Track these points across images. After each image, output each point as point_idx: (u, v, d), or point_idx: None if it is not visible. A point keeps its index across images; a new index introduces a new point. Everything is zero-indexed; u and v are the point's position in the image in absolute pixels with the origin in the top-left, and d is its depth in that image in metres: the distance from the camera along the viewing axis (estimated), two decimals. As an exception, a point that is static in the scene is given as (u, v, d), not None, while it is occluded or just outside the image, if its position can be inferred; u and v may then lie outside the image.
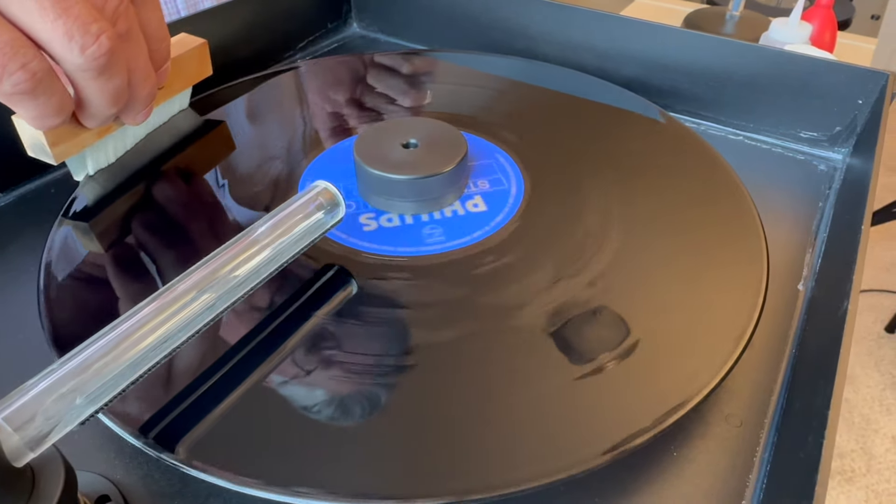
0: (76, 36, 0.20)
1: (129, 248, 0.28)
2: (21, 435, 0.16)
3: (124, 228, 0.28)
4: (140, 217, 0.29)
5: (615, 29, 0.41)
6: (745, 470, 0.22)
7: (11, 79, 0.20)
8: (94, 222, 0.28)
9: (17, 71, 0.20)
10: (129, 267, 0.27)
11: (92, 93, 0.23)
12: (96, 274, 0.26)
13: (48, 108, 0.22)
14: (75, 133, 0.27)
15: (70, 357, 0.18)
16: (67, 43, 0.20)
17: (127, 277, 0.26)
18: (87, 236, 0.28)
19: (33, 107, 0.21)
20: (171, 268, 0.27)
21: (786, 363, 0.25)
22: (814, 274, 0.29)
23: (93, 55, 0.21)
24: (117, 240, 0.28)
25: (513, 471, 0.19)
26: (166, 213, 0.30)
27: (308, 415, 0.21)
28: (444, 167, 0.28)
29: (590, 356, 0.23)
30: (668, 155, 0.33)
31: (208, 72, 0.34)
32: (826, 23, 0.60)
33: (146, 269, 0.27)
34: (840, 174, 0.35)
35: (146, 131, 0.32)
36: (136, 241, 0.28)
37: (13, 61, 0.20)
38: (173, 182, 0.31)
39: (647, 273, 0.26)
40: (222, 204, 0.30)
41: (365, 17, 0.51)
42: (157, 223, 0.29)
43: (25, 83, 0.20)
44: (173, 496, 0.20)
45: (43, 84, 0.21)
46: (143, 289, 0.26)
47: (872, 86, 0.34)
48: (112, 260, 0.27)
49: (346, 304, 0.25)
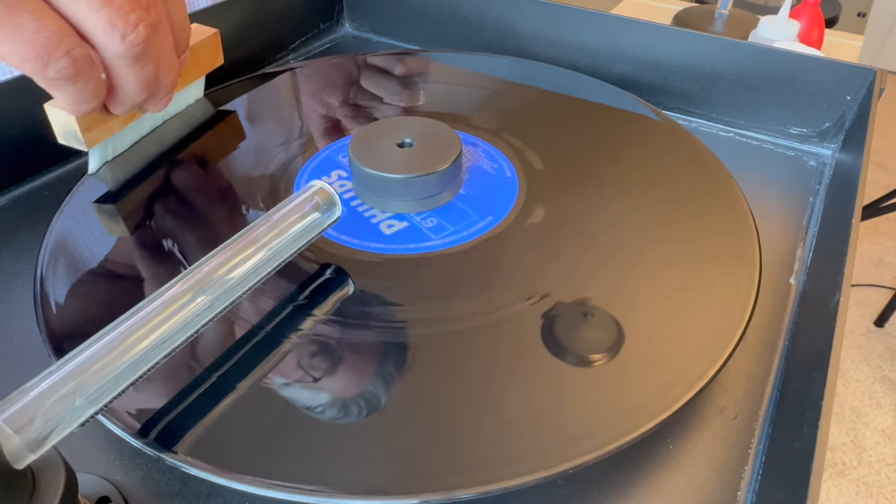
0: (118, 24, 0.22)
1: (150, 231, 0.29)
2: (21, 437, 0.16)
3: (147, 212, 0.29)
4: (159, 201, 0.30)
5: (606, 27, 0.41)
6: (741, 461, 0.22)
7: (56, 64, 0.21)
8: (120, 204, 0.30)
9: (62, 57, 0.21)
10: (150, 248, 0.28)
11: (126, 80, 0.24)
12: (93, 275, 0.26)
13: (85, 94, 0.23)
14: (104, 120, 0.28)
15: (69, 358, 0.18)
16: (110, 31, 0.22)
17: (150, 258, 0.27)
18: (113, 219, 0.29)
19: (73, 91, 0.23)
20: (191, 249, 0.28)
21: (779, 356, 0.26)
22: (805, 268, 0.29)
23: (131, 43, 0.22)
24: (140, 222, 0.29)
25: (512, 465, 0.19)
26: (179, 198, 0.31)
27: (307, 413, 0.21)
28: (440, 165, 0.28)
29: (585, 351, 0.23)
30: (659, 152, 0.33)
31: (220, 61, 0.35)
32: (814, 20, 0.61)
33: (166, 250, 0.28)
34: (829, 169, 0.36)
35: (163, 119, 0.33)
36: (156, 224, 0.29)
37: (59, 48, 0.21)
38: (189, 169, 0.33)
39: (640, 268, 0.27)
40: (228, 193, 0.31)
41: (357, 17, 0.51)
42: (171, 207, 0.30)
43: (68, 69, 0.22)
44: (173, 496, 0.20)
45: (83, 70, 0.22)
46: (165, 268, 0.27)
47: (860, 82, 0.35)
48: (136, 242, 0.28)
49: (344, 302, 0.25)
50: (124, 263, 0.27)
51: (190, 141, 0.34)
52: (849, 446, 1.09)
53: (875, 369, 1.22)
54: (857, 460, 1.07)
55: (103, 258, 0.27)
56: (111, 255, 0.27)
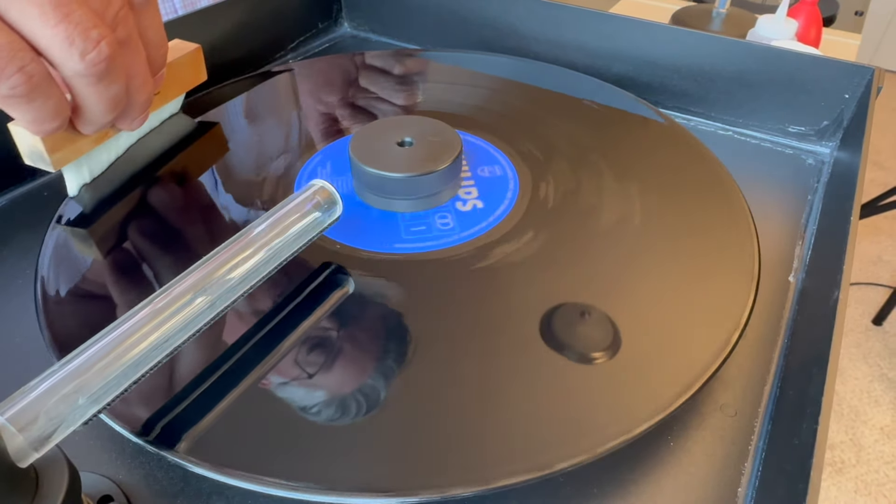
0: (77, 41, 0.20)
1: (126, 254, 0.27)
2: (25, 435, 0.16)
3: (121, 234, 0.28)
4: (136, 222, 0.29)
5: (605, 27, 0.41)
6: (741, 458, 0.22)
7: (8, 82, 0.20)
8: (92, 229, 0.28)
9: (14, 74, 0.20)
10: (125, 273, 0.27)
11: (90, 99, 0.23)
12: (93, 276, 0.26)
13: (45, 112, 0.22)
14: (72, 140, 0.27)
15: (71, 358, 0.18)
16: (68, 48, 0.20)
17: (124, 283, 0.26)
18: (85, 243, 0.28)
19: (30, 110, 0.21)
20: (168, 271, 0.27)
21: (778, 353, 0.26)
22: (804, 266, 0.30)
23: (92, 61, 0.21)
24: (114, 246, 0.28)
25: (514, 463, 0.19)
26: (162, 218, 0.30)
27: (308, 411, 0.21)
28: (440, 164, 0.28)
29: (586, 350, 0.23)
30: (658, 150, 0.34)
31: (203, 77, 0.34)
32: (811, 19, 0.61)
33: (143, 274, 0.27)
34: (828, 168, 0.36)
35: (139, 136, 0.32)
36: (133, 246, 0.28)
37: (10, 64, 0.20)
38: (169, 186, 0.31)
39: (640, 267, 0.27)
40: (218, 205, 0.31)
41: (355, 16, 0.51)
42: (153, 228, 0.29)
43: (22, 86, 0.20)
44: (175, 495, 0.20)
45: (40, 88, 0.21)
46: (140, 294, 0.25)
47: (858, 80, 0.35)
48: (109, 266, 0.27)
49: (345, 301, 0.25)
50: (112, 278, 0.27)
51: (175, 155, 0.33)
52: (847, 444, 1.09)
53: (873, 367, 1.23)
54: (855, 458, 1.07)
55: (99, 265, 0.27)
56: (108, 258, 0.27)
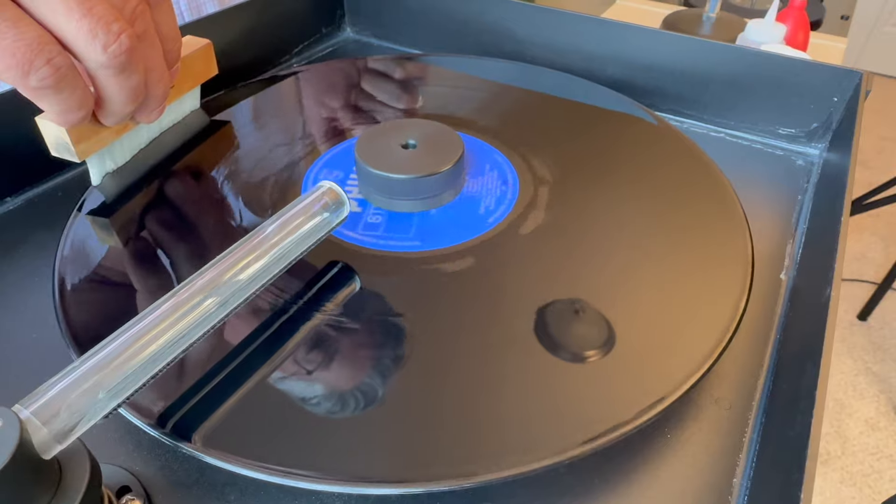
0: (99, 34, 0.22)
1: (146, 243, 0.29)
2: (49, 428, 0.16)
3: (141, 224, 0.29)
4: (155, 212, 0.30)
5: (600, 31, 0.42)
6: (736, 450, 0.23)
7: (38, 73, 0.21)
8: (114, 218, 0.29)
9: (43, 66, 0.21)
10: (146, 261, 0.28)
11: (112, 90, 0.24)
12: (110, 271, 0.27)
13: (71, 103, 0.23)
14: (96, 131, 0.28)
15: (91, 354, 0.18)
16: (91, 41, 0.22)
17: (143, 270, 0.27)
18: (107, 231, 0.29)
19: (57, 101, 0.22)
20: (183, 260, 0.28)
21: (771, 348, 0.27)
22: (795, 264, 0.30)
23: (114, 53, 0.22)
24: (135, 235, 0.29)
25: (517, 454, 0.20)
26: (178, 209, 0.31)
27: (322, 403, 0.21)
28: (443, 166, 0.29)
29: (585, 346, 0.24)
30: (653, 152, 0.34)
31: (214, 71, 0.35)
32: (799, 23, 0.62)
33: (160, 262, 0.28)
34: (817, 168, 0.37)
35: (160, 130, 0.33)
36: (151, 235, 0.29)
37: (39, 57, 0.21)
38: (185, 180, 0.33)
39: (636, 266, 0.27)
40: (231, 199, 0.31)
41: (358, 21, 0.52)
42: (170, 218, 0.30)
43: (51, 77, 0.21)
44: (191, 485, 0.21)
45: (66, 79, 0.22)
46: (158, 281, 0.27)
47: (847, 84, 0.36)
48: (130, 255, 0.28)
49: (353, 298, 0.26)
50: (133, 265, 0.27)
51: (191, 150, 0.34)
52: (833, 436, 1.11)
53: (858, 361, 1.25)
54: (840, 450, 1.09)
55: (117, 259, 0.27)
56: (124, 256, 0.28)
